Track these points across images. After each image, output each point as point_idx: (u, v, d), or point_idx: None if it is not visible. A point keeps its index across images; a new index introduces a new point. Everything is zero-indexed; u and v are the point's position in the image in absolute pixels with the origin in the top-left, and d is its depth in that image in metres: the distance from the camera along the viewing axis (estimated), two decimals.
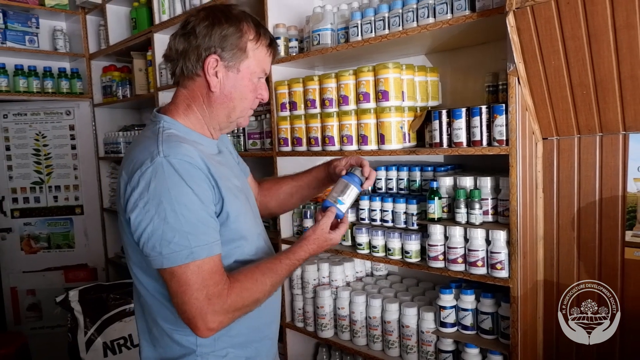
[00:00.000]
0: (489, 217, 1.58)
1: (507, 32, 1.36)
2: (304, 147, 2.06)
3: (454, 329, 1.66)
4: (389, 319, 1.81)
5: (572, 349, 1.55)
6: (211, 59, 1.09)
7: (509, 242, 1.48)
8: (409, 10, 1.65)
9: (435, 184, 1.64)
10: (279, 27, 2.10)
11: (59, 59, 3.52)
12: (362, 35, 1.80)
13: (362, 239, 1.88)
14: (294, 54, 2.09)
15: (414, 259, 1.73)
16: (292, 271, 1.18)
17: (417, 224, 1.74)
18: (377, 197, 1.86)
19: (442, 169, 1.84)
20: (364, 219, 1.91)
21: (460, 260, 1.58)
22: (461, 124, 1.58)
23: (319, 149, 2.00)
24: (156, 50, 2.81)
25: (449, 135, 1.62)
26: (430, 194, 1.64)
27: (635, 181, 1.41)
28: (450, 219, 1.64)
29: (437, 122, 1.64)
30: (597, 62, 1.29)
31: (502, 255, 1.49)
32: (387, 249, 1.81)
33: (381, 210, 1.85)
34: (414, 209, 1.75)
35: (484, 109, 1.53)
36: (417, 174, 1.87)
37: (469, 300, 1.63)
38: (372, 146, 1.80)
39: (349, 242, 2.00)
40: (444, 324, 1.66)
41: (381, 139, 1.77)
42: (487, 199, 1.57)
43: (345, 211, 1.26)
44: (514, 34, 1.35)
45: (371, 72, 1.78)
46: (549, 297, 1.61)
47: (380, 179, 1.96)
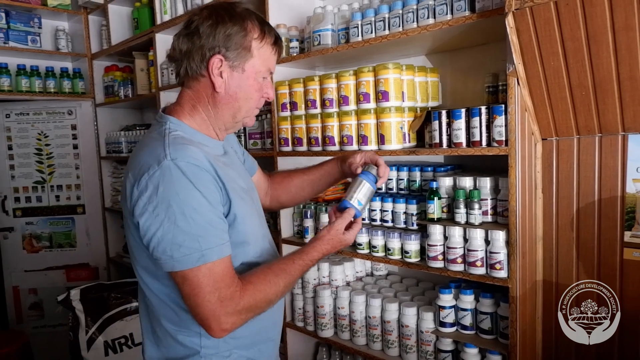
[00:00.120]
0: (488, 218, 1.58)
1: (506, 33, 1.36)
2: (305, 147, 2.06)
3: (453, 329, 1.66)
4: (388, 319, 1.82)
5: (571, 349, 1.56)
6: (215, 59, 1.08)
7: (508, 242, 1.48)
8: (409, 11, 1.66)
9: (434, 184, 1.65)
10: (280, 27, 2.11)
11: (61, 58, 3.53)
12: (362, 35, 1.81)
13: (362, 238, 1.88)
14: (295, 55, 2.10)
15: (414, 259, 1.74)
16: (305, 272, 1.17)
17: (416, 224, 1.75)
18: (377, 197, 1.86)
19: (442, 169, 1.84)
20: (364, 219, 1.91)
21: (459, 260, 1.59)
22: (461, 124, 1.58)
23: (320, 149, 2.00)
24: (158, 50, 2.81)
25: (449, 135, 1.63)
26: (429, 194, 1.65)
27: (634, 182, 1.42)
28: (449, 219, 1.65)
29: (437, 122, 1.64)
30: (596, 63, 1.29)
31: (501, 255, 1.50)
32: (386, 249, 1.81)
33: (381, 210, 1.85)
34: (413, 209, 1.75)
35: (483, 109, 1.53)
36: (417, 174, 1.88)
37: (468, 300, 1.63)
38: (372, 146, 1.81)
39: None
40: (443, 324, 1.67)
41: (381, 139, 1.77)
42: (486, 199, 1.57)
43: (362, 211, 1.27)
44: (513, 35, 1.35)
45: (371, 72, 1.78)
46: (548, 297, 1.61)
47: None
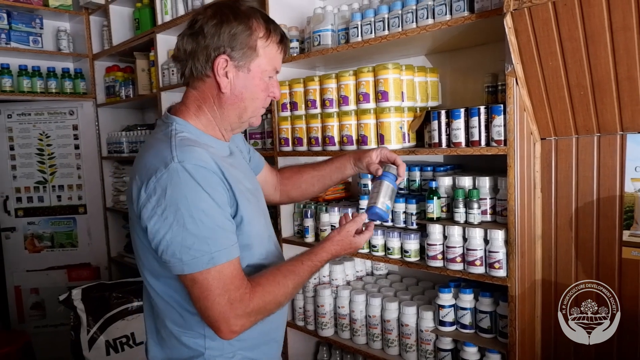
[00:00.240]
0: (488, 217, 1.59)
1: (505, 33, 1.37)
2: (305, 147, 2.07)
3: (452, 328, 1.67)
4: (388, 318, 1.82)
5: (570, 348, 1.56)
6: (221, 59, 1.07)
7: (507, 242, 1.49)
8: (408, 11, 1.66)
9: (434, 184, 1.66)
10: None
11: (63, 59, 3.54)
12: (362, 36, 1.82)
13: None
14: (295, 55, 2.10)
15: (413, 258, 1.74)
16: (314, 273, 1.17)
17: (416, 224, 1.76)
18: None
19: (442, 168, 1.85)
20: None
21: (458, 259, 1.59)
22: (460, 124, 1.59)
23: (320, 149, 2.01)
24: (159, 50, 2.82)
25: (448, 135, 1.63)
26: (429, 193, 1.65)
27: (632, 181, 1.42)
28: (449, 219, 1.65)
29: (436, 122, 1.65)
30: (595, 63, 1.30)
31: (500, 254, 1.50)
32: (386, 248, 1.82)
33: None
34: (413, 208, 1.76)
35: (482, 109, 1.54)
36: (416, 174, 1.88)
37: (467, 299, 1.64)
38: (371, 146, 1.81)
39: None
40: (442, 323, 1.67)
41: (381, 139, 1.78)
42: (485, 199, 1.58)
43: (389, 214, 1.28)
44: (512, 35, 1.36)
45: (371, 72, 1.79)
46: (547, 296, 1.62)
47: None
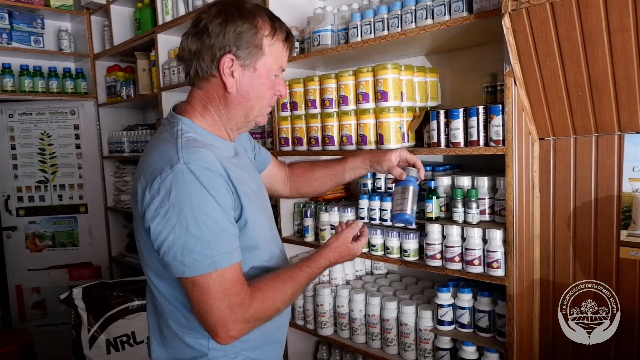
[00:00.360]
0: (486, 217, 1.59)
1: (503, 33, 1.38)
2: (305, 147, 2.08)
3: (451, 327, 1.68)
4: (387, 317, 1.83)
5: (568, 347, 1.57)
6: (226, 58, 1.06)
7: (505, 241, 1.49)
8: (407, 11, 1.67)
9: (433, 184, 1.66)
10: None
11: (64, 59, 3.56)
12: (361, 36, 1.82)
13: None
14: (295, 55, 2.11)
15: (412, 258, 1.75)
16: (312, 279, 1.17)
17: (415, 223, 1.76)
18: (376, 197, 1.87)
19: (441, 168, 1.85)
20: (363, 218, 1.92)
21: (457, 258, 1.60)
22: (459, 124, 1.59)
23: (319, 148, 2.02)
24: (160, 50, 2.83)
25: (447, 135, 1.64)
26: (428, 193, 1.66)
27: (630, 181, 1.43)
28: (447, 218, 1.66)
29: (435, 122, 1.65)
30: (592, 63, 1.30)
31: (499, 254, 1.51)
32: (385, 248, 1.83)
33: (380, 209, 1.86)
34: None
35: (480, 109, 1.54)
36: None
37: (466, 298, 1.65)
38: (371, 146, 1.82)
39: None
40: (441, 322, 1.68)
41: (380, 139, 1.78)
42: (484, 199, 1.59)
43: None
44: (510, 35, 1.36)
45: (370, 72, 1.79)
46: (545, 295, 1.62)
47: (379, 179, 1.99)
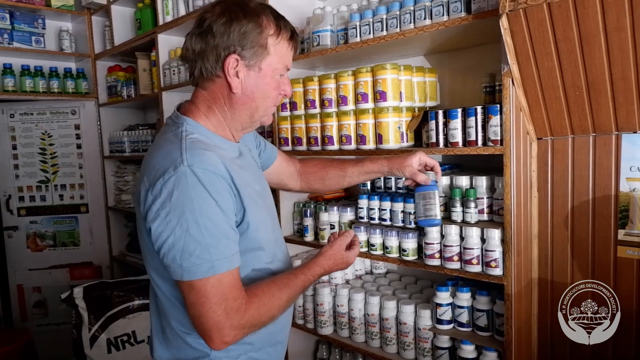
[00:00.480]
0: (484, 216, 1.60)
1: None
2: (304, 147, 2.09)
3: (450, 326, 1.68)
4: (386, 316, 1.84)
5: (566, 346, 1.57)
6: (231, 58, 1.05)
7: (503, 241, 1.50)
8: (406, 12, 1.67)
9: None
10: None
11: (65, 59, 3.57)
12: (360, 36, 1.83)
13: (361, 237, 1.89)
14: (295, 55, 2.11)
15: (411, 257, 1.76)
16: (307, 287, 1.16)
17: (414, 223, 1.77)
18: (376, 196, 1.88)
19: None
20: (362, 218, 1.93)
21: (455, 258, 1.60)
22: (457, 124, 1.60)
23: (319, 148, 2.02)
24: (160, 50, 2.84)
25: (445, 135, 1.65)
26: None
27: (627, 180, 1.43)
28: (446, 218, 1.67)
29: (434, 122, 1.66)
30: (589, 64, 1.31)
31: (497, 253, 1.51)
32: (384, 247, 1.83)
33: (379, 209, 1.87)
34: (411, 207, 1.76)
35: (479, 109, 1.55)
36: None
37: (464, 297, 1.65)
38: (370, 146, 1.83)
39: None
40: (440, 321, 1.69)
41: (379, 138, 1.79)
42: (482, 198, 1.60)
43: None
44: (508, 36, 1.37)
45: (369, 73, 1.80)
46: (544, 295, 1.63)
47: (378, 179, 1.99)
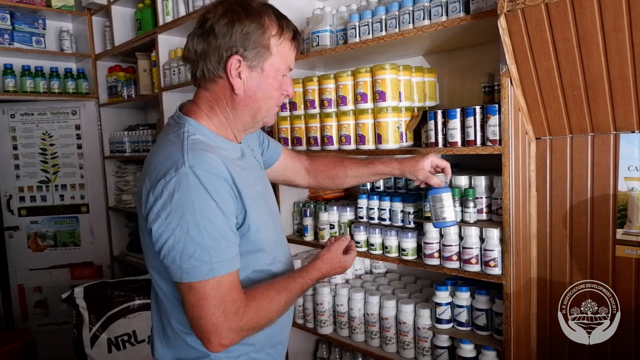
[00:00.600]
0: (483, 216, 1.61)
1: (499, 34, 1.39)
2: (304, 147, 2.09)
3: (449, 325, 1.69)
4: (386, 316, 1.84)
5: (565, 345, 1.58)
6: (233, 59, 1.04)
7: (502, 240, 1.50)
8: (405, 12, 1.68)
9: None
10: None
11: (66, 59, 3.58)
12: (359, 36, 1.84)
13: (360, 237, 1.91)
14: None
15: (410, 257, 1.76)
16: (305, 290, 1.16)
17: (413, 222, 1.77)
18: (375, 196, 1.89)
19: None
20: (362, 217, 1.94)
21: (454, 257, 1.61)
22: (456, 124, 1.60)
23: (318, 148, 2.03)
24: (160, 51, 2.85)
25: (444, 135, 1.65)
26: (426, 192, 1.67)
27: (626, 180, 1.44)
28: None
29: (433, 122, 1.66)
30: (587, 63, 1.31)
31: (495, 252, 1.52)
32: (384, 247, 1.84)
33: (379, 208, 1.87)
34: (410, 207, 1.77)
35: (477, 109, 1.55)
36: None
37: (464, 297, 1.66)
38: (369, 146, 1.83)
39: None
40: (439, 321, 1.69)
41: (378, 138, 1.80)
42: (481, 198, 1.60)
43: None
44: (506, 36, 1.37)
45: (368, 73, 1.81)
46: (543, 294, 1.63)
47: None
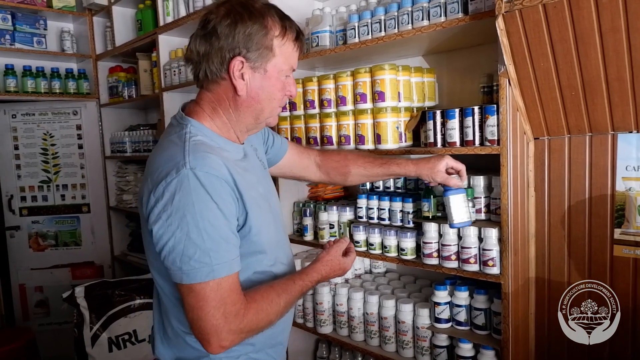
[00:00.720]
0: (482, 215, 1.61)
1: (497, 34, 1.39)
2: None
3: (448, 325, 1.70)
4: (385, 315, 1.85)
5: (563, 344, 1.58)
6: (236, 61, 1.04)
7: (501, 240, 1.51)
8: (404, 13, 1.69)
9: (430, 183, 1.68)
10: None
11: (66, 59, 3.58)
12: (359, 37, 1.84)
13: (360, 236, 1.91)
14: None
15: (410, 256, 1.77)
16: (305, 293, 1.17)
17: (412, 222, 1.78)
18: (375, 196, 1.89)
19: None
20: (361, 217, 1.95)
21: (453, 257, 1.62)
22: (454, 124, 1.61)
23: (318, 148, 2.03)
24: (161, 51, 2.86)
25: (443, 135, 1.66)
26: (425, 193, 1.68)
27: (623, 180, 1.44)
28: (444, 217, 1.68)
29: (432, 122, 1.67)
30: (585, 64, 1.32)
31: (494, 252, 1.52)
32: (383, 247, 1.84)
33: (378, 208, 1.88)
34: (409, 207, 1.78)
35: (476, 109, 1.56)
36: None
37: (462, 296, 1.66)
38: (369, 146, 1.84)
39: None
40: (438, 320, 1.70)
41: (377, 138, 1.80)
42: (480, 198, 1.61)
43: None
44: (504, 36, 1.38)
45: (368, 73, 1.81)
46: (541, 293, 1.64)
47: None
